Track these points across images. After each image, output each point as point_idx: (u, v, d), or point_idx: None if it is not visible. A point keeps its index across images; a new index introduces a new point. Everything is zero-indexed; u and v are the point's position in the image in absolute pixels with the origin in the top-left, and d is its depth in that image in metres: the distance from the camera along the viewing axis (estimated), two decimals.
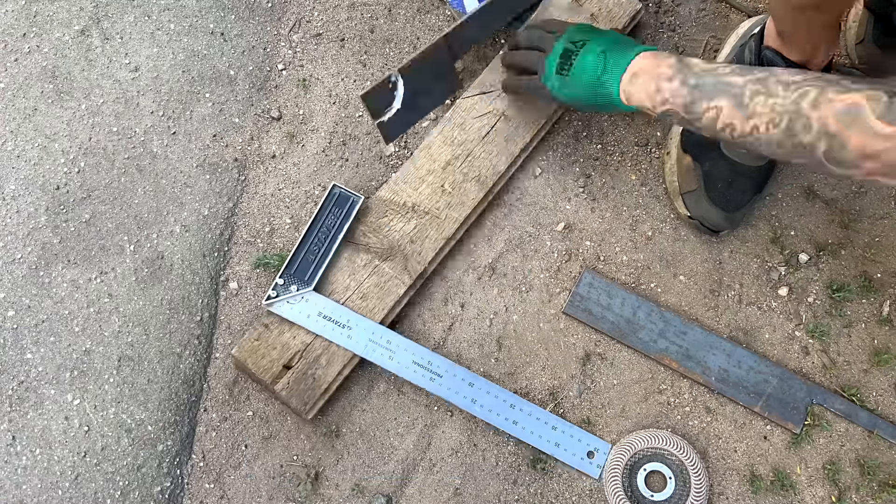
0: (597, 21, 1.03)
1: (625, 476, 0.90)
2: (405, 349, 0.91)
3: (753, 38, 0.96)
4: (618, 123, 1.06)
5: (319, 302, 0.90)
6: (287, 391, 0.88)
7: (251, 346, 0.90)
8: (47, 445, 0.86)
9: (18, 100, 0.97)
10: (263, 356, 0.89)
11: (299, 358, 0.90)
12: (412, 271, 0.94)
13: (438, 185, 0.97)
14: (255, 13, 1.06)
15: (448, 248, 0.97)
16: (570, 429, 0.91)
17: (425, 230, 0.95)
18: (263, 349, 0.90)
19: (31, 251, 0.92)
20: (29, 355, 0.89)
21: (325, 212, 0.94)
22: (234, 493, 0.90)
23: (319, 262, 0.92)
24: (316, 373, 0.89)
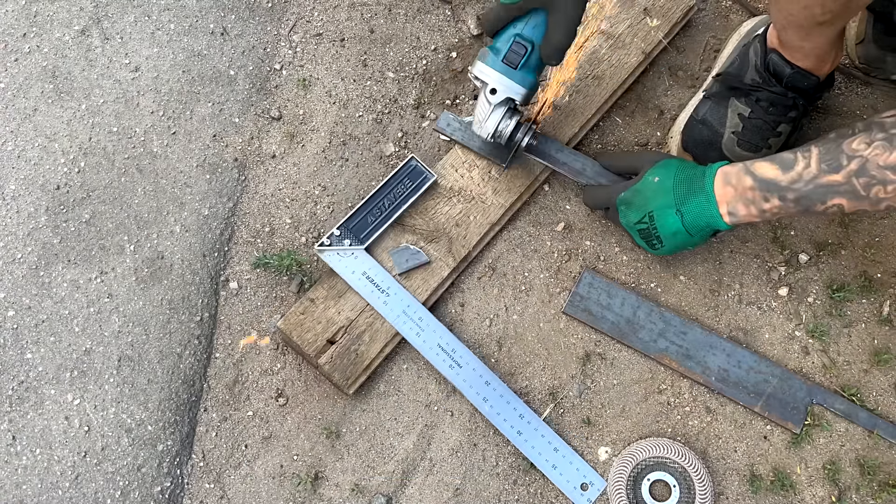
0: (650, 15, 1.04)
1: (629, 486, 0.90)
2: (434, 330, 0.91)
3: (758, 38, 0.96)
4: (617, 123, 1.06)
5: (367, 262, 0.92)
6: (330, 365, 0.89)
7: (297, 319, 0.91)
8: (47, 445, 0.86)
9: (18, 100, 0.97)
10: (308, 330, 0.91)
11: (343, 333, 0.91)
12: (456, 254, 0.95)
13: (486, 171, 0.98)
14: (255, 13, 1.06)
15: (493, 233, 0.98)
16: (571, 455, 0.91)
17: (470, 214, 0.97)
18: (309, 323, 0.91)
19: (31, 251, 0.92)
20: (29, 355, 0.89)
21: (397, 180, 0.95)
22: (234, 493, 0.90)
23: (378, 224, 0.93)
24: (359, 349, 0.91)
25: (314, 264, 0.97)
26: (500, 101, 0.86)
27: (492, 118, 0.88)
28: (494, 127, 0.88)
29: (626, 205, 0.89)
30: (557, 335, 0.97)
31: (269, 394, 0.93)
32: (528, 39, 0.84)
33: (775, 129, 0.96)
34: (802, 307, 0.99)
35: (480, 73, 0.86)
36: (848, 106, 1.08)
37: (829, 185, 0.75)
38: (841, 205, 0.76)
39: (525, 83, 0.86)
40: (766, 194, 0.79)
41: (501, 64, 0.84)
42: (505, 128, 0.89)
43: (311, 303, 0.92)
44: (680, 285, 1.00)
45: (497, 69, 0.85)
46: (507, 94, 0.86)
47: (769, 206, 0.80)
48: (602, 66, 1.04)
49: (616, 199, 0.90)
